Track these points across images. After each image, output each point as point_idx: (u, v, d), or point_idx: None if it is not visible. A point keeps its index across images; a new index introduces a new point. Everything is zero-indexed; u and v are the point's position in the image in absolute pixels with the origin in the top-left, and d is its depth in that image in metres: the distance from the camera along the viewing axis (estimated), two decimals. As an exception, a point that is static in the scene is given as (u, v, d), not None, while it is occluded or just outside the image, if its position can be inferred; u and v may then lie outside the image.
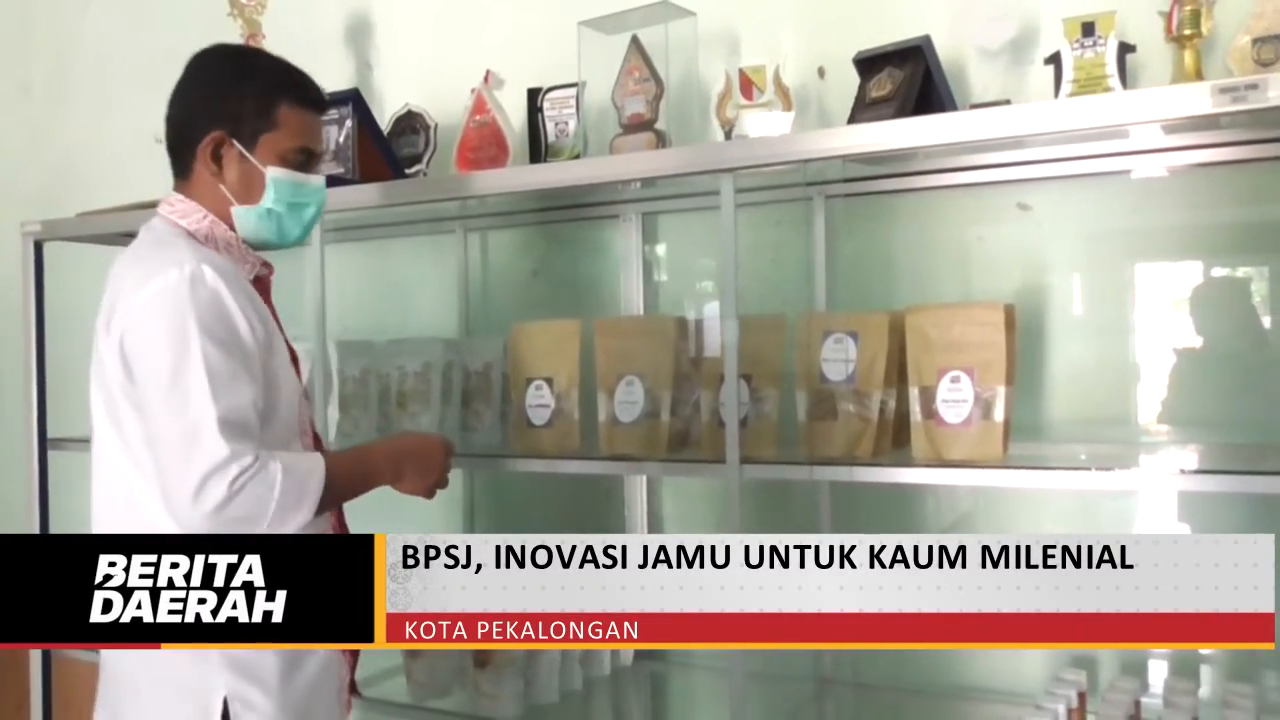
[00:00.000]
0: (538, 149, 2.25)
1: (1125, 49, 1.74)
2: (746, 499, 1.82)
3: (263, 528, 1.48)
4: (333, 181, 2.24)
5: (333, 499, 1.57)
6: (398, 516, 1.80)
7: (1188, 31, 1.64)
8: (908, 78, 1.81)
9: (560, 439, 2.08)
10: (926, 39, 1.82)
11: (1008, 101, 1.82)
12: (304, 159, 1.68)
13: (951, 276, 2.09)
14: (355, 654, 1.76)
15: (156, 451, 1.50)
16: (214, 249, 1.62)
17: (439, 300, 2.62)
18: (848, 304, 2.09)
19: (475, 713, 2.11)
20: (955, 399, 1.74)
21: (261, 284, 1.71)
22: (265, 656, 1.53)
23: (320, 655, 1.60)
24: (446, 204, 2.34)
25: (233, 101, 1.63)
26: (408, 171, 2.39)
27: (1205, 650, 1.89)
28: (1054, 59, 1.76)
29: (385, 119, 2.46)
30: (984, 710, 2.02)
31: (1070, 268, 2.00)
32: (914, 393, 1.78)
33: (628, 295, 2.36)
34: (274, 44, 2.50)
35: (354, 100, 2.30)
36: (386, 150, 2.36)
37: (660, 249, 2.39)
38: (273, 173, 1.64)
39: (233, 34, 2.46)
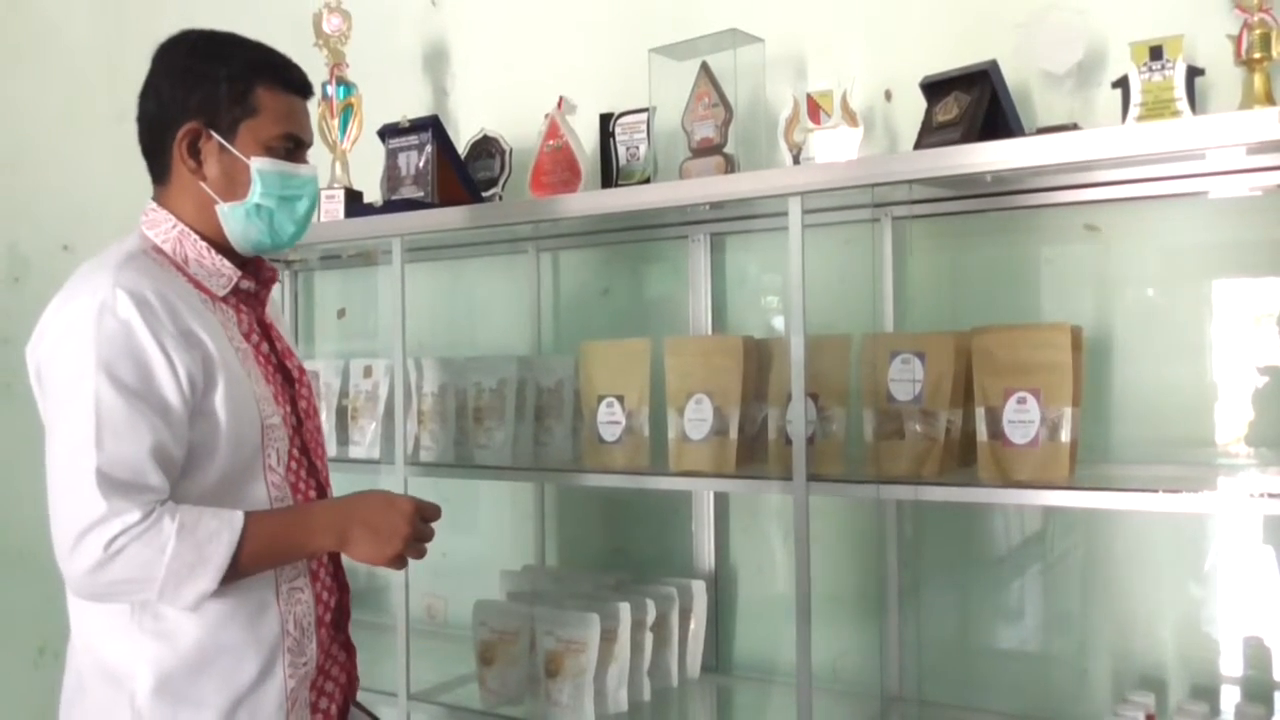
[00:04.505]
0: (609, 172, 2.30)
1: (1194, 72, 1.74)
2: (813, 516, 1.85)
3: (154, 594, 1.33)
4: (412, 205, 2.34)
5: (253, 563, 1.38)
6: (474, 535, 1.80)
7: (1257, 55, 1.63)
8: (974, 101, 1.83)
9: (630, 455, 2.12)
10: (993, 63, 1.85)
11: (1075, 125, 1.83)
12: (291, 147, 1.53)
13: (1019, 298, 2.09)
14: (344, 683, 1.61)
15: (49, 495, 1.37)
16: (179, 264, 1.49)
17: (512, 318, 2.68)
18: (914, 324, 2.12)
19: (546, 721, 2.16)
20: (1021, 419, 1.75)
21: (251, 298, 1.58)
22: None
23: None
24: (520, 225, 2.40)
25: (206, 88, 1.48)
26: (484, 195, 2.46)
27: (1280, 675, 1.87)
28: (1121, 82, 1.77)
29: (462, 144, 2.54)
30: (1051, 730, 2.02)
31: (1139, 288, 2.00)
32: (980, 413, 1.79)
33: (696, 314, 2.40)
34: (355, 72, 2.62)
35: (433, 126, 2.37)
36: (463, 174, 2.43)
37: (728, 269, 2.42)
38: (258, 163, 1.49)
39: (318, 63, 2.56)
